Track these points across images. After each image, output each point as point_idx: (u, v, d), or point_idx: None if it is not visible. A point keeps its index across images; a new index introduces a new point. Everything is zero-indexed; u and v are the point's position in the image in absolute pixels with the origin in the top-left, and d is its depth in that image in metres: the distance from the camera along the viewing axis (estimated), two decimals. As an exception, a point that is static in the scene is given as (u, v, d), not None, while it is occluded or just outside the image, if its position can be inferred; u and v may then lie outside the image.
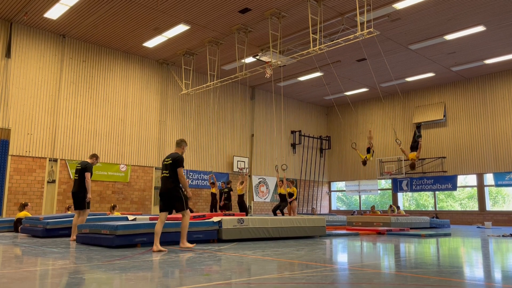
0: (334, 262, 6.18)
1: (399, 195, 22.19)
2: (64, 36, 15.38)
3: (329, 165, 24.92)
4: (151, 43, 15.93)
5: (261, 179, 21.23)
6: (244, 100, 20.86)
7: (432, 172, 20.60)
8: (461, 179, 20.46)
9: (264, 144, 21.61)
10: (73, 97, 15.44)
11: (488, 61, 17.43)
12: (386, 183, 23.12)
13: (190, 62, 17.07)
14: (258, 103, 21.71)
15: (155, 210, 17.04)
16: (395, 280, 4.56)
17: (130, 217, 9.88)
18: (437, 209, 21.27)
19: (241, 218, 8.78)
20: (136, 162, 16.70)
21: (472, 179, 20.10)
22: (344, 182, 24.50)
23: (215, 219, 8.61)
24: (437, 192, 21.24)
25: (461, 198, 22.06)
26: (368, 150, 14.33)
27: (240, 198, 14.52)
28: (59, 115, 15.02)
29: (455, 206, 22.14)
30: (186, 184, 6.94)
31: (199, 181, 18.46)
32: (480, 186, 19.39)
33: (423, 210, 22.08)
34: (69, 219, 9.42)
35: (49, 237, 8.99)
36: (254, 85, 21.00)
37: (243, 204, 14.52)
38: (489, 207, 19.32)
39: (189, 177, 18.05)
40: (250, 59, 16.48)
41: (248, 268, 5.19)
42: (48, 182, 14.61)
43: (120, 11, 13.40)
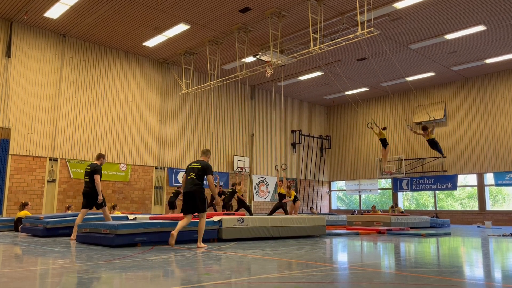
0: (334, 261, 6.18)
1: (399, 194, 22.19)
2: (64, 35, 15.38)
3: (329, 164, 24.92)
4: (151, 43, 15.93)
5: (261, 179, 21.23)
6: (244, 100, 20.86)
7: (432, 171, 20.60)
8: (461, 179, 20.46)
9: (264, 143, 21.61)
10: (73, 96, 15.44)
11: (489, 60, 17.42)
12: (386, 183, 23.13)
13: (190, 62, 17.06)
14: (258, 102, 21.71)
15: (155, 209, 17.05)
16: (395, 279, 4.56)
17: (130, 216, 9.87)
18: (437, 208, 21.27)
19: (241, 218, 8.78)
20: (136, 161, 16.70)
21: (472, 179, 20.09)
22: (344, 182, 24.50)
23: (215, 218, 8.60)
24: (437, 192, 21.24)
25: (461, 197, 22.06)
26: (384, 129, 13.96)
27: (240, 198, 14.58)
28: (59, 114, 15.02)
29: (455, 205, 22.14)
30: (215, 191, 7.49)
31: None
32: (480, 186, 19.38)
33: (423, 209, 22.07)
34: (69, 218, 9.42)
35: (49, 236, 8.98)
36: (254, 84, 20.99)
37: (244, 204, 14.54)
38: (489, 206, 19.31)
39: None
40: (250, 59, 16.48)
41: (248, 268, 5.19)
42: (48, 182, 14.62)
43: (120, 10, 13.40)
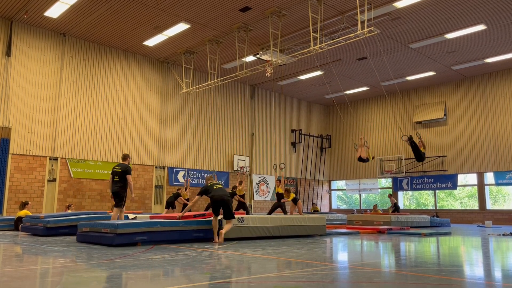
0: (334, 260, 6.18)
1: (400, 194, 22.19)
2: (65, 34, 15.37)
3: (329, 163, 24.92)
4: (151, 42, 15.92)
5: (261, 178, 21.23)
6: (244, 99, 20.85)
7: (433, 171, 20.59)
8: (461, 178, 20.45)
9: (265, 143, 21.61)
10: (73, 95, 15.44)
11: (489, 59, 17.40)
12: (386, 182, 23.12)
13: (191, 61, 17.06)
14: (259, 101, 21.71)
15: (156, 208, 17.06)
16: (395, 278, 4.56)
17: (131, 215, 9.89)
18: (437, 208, 21.27)
19: (241, 217, 8.78)
20: (136, 161, 16.69)
21: (472, 178, 20.09)
22: (344, 181, 24.49)
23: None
24: (437, 191, 21.23)
25: (461, 197, 22.06)
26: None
27: (240, 200, 14.59)
28: (59, 113, 15.02)
29: (455, 205, 22.14)
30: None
31: (200, 180, 18.45)
32: (481, 185, 19.37)
33: (424, 209, 22.07)
34: (69, 217, 9.45)
35: (49, 235, 9.00)
36: (255, 83, 20.99)
37: (244, 204, 14.55)
38: (489, 206, 19.31)
39: (189, 176, 18.06)
40: (250, 58, 16.47)
41: (249, 267, 5.19)
42: (49, 181, 14.62)
43: (121, 9, 13.39)
